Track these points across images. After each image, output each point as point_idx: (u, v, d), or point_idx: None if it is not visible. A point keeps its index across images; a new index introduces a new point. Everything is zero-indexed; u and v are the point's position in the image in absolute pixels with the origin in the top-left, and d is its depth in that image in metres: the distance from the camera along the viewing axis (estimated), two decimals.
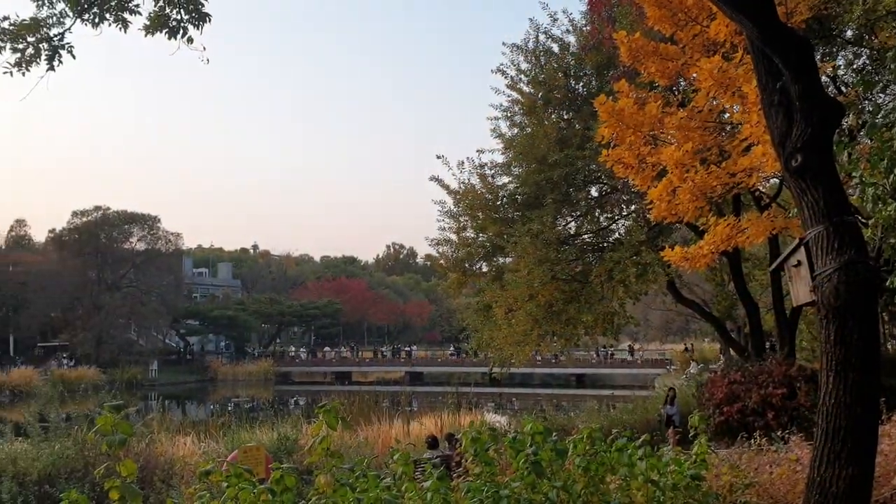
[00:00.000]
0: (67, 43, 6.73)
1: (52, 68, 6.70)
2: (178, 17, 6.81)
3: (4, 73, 6.66)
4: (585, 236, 21.89)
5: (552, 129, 19.91)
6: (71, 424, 14.01)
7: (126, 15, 6.77)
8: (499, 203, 21.72)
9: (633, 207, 20.12)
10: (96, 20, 6.71)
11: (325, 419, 4.57)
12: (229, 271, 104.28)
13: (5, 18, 6.66)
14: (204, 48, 6.92)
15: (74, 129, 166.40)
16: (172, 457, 14.70)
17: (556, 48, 20.99)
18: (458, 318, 30.40)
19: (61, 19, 6.73)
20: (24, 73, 6.73)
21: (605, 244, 21.01)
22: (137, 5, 6.76)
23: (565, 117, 21.06)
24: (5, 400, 48.89)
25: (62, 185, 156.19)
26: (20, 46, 6.69)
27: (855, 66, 15.67)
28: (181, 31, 6.84)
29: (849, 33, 14.97)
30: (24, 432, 14.07)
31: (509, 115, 21.53)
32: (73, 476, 12.19)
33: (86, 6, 6.66)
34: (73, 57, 6.75)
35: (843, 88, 15.63)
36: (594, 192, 21.54)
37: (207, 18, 6.87)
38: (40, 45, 6.70)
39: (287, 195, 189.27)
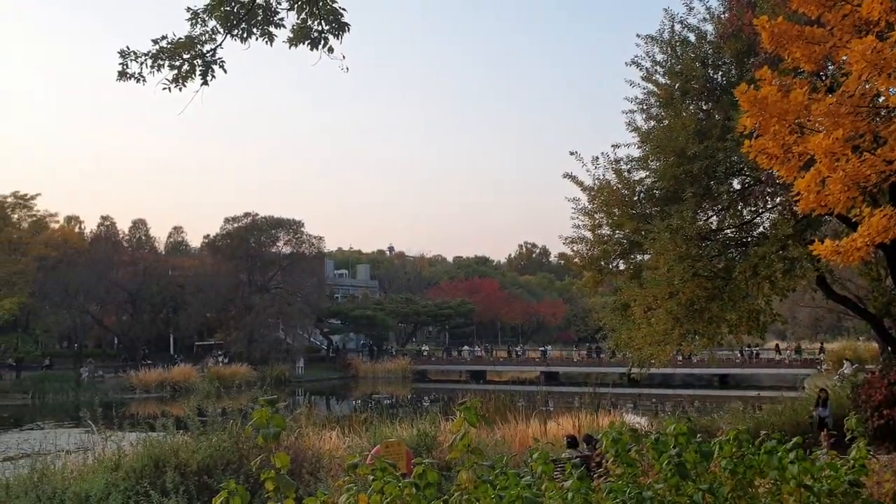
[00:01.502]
0: (219, 58, 7.15)
1: (205, 83, 7.12)
2: (320, 28, 7.09)
3: (163, 89, 7.13)
4: (728, 231, 21.01)
5: (691, 120, 19.25)
6: (227, 419, 14.68)
7: (271, 29, 7.12)
8: (635, 198, 21.20)
9: (778, 200, 19.14)
10: (244, 35, 7.09)
11: (466, 416, 4.64)
12: (367, 272, 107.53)
13: (163, 38, 7.14)
14: (343, 57, 7.16)
15: (220, 139, 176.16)
16: (319, 450, 15.20)
17: (692, 37, 20.30)
18: (594, 317, 29.94)
19: (213, 36, 7.15)
20: (180, 89, 7.19)
21: (749, 239, 20.10)
22: (282, 19, 7.09)
23: (704, 108, 20.31)
24: (167, 395, 52.28)
25: (213, 190, 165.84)
26: (177, 63, 7.16)
27: None
28: (322, 42, 7.12)
29: None
30: (184, 425, 14.86)
31: (645, 107, 20.98)
32: (229, 468, 12.78)
33: (235, 22, 7.04)
34: (225, 71, 7.15)
35: None
36: (736, 184, 20.66)
37: (346, 28, 7.10)
38: (195, 62, 7.14)
39: (421, 197, 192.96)
